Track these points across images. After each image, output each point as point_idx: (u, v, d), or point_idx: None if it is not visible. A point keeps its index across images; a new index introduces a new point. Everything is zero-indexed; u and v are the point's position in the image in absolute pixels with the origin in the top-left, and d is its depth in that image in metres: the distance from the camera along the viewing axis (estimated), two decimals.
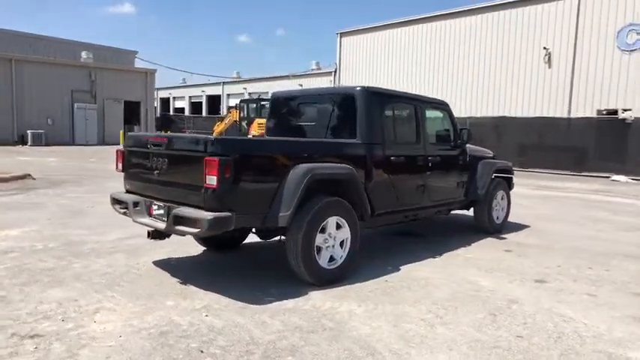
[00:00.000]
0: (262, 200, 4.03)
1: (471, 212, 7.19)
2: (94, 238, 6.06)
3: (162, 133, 5.42)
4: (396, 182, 5.30)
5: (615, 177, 14.40)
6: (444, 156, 6.04)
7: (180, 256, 5.38)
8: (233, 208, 3.82)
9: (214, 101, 49.61)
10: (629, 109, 19.33)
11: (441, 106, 6.29)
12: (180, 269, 4.83)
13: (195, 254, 5.47)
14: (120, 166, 4.85)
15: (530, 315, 3.90)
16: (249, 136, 22.03)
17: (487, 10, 24.39)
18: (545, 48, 22.12)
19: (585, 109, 20.88)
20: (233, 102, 45.48)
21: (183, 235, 4.28)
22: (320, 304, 4.00)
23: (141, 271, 4.74)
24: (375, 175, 5.00)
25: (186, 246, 5.67)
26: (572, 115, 20.76)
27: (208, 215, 3.72)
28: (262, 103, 23.45)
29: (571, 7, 21.36)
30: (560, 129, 18.57)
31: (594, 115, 20.02)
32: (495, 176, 6.94)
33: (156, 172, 4.30)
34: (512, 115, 21.85)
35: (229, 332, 3.38)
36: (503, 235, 6.96)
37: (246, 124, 22.69)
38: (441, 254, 5.80)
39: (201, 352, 3.07)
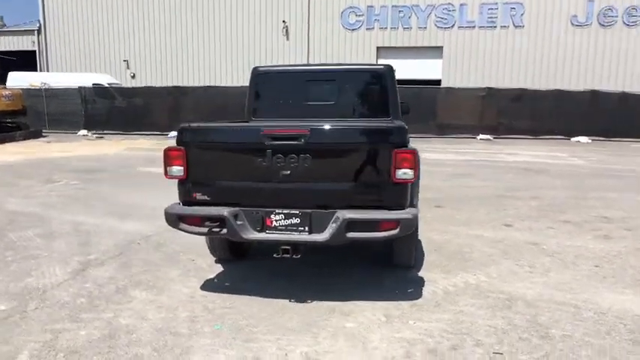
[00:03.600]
0: None
1: None
2: (41, 282, 4.12)
3: (298, 124, 3.95)
4: None
5: None
6: None
7: (213, 275, 4.32)
8: (412, 203, 3.50)
9: None
10: None
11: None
12: (253, 289, 3.93)
13: (223, 269, 4.47)
14: (178, 169, 3.51)
15: (564, 250, 5.02)
16: None
17: None
18: (283, 21, 24.10)
19: None
20: None
21: (342, 243, 3.49)
22: (452, 283, 4.12)
23: (218, 305, 3.65)
24: None
25: (189, 262, 4.58)
26: None
27: (407, 214, 3.32)
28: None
29: None
30: None
31: None
32: None
33: (283, 172, 3.41)
34: None
35: (487, 333, 3.25)
36: None
37: None
38: None
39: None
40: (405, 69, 23.21)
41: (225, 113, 20.54)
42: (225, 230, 3.43)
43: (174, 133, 20.99)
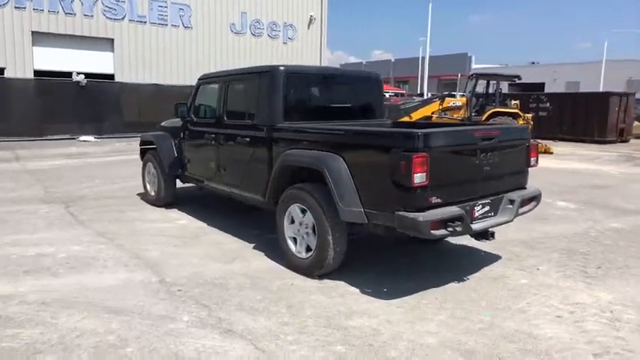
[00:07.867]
0: None
1: None
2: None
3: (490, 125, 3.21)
4: None
5: (83, 137, 14.89)
6: None
7: (356, 288, 4.08)
8: None
9: None
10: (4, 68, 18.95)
11: None
12: (414, 287, 4.07)
13: (343, 282, 4.20)
14: (422, 176, 3.35)
15: None
16: None
17: None
18: None
19: None
20: None
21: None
22: (504, 241, 5.40)
23: (431, 307, 3.74)
24: None
25: (290, 286, 4.14)
26: None
27: (539, 190, 4.45)
28: None
29: None
30: None
31: None
32: None
33: (485, 168, 3.93)
34: None
35: (615, 253, 4.74)
36: None
37: None
38: None
39: None
40: (71, 60, 20.54)
41: None
42: (460, 228, 3.61)
43: None
